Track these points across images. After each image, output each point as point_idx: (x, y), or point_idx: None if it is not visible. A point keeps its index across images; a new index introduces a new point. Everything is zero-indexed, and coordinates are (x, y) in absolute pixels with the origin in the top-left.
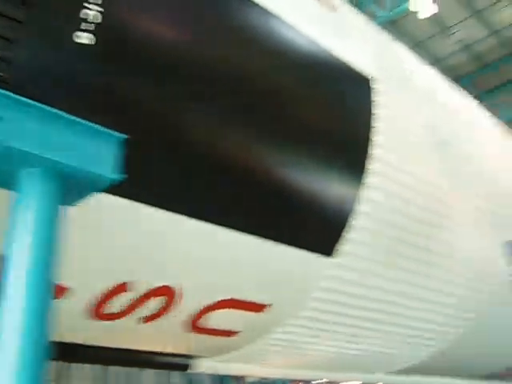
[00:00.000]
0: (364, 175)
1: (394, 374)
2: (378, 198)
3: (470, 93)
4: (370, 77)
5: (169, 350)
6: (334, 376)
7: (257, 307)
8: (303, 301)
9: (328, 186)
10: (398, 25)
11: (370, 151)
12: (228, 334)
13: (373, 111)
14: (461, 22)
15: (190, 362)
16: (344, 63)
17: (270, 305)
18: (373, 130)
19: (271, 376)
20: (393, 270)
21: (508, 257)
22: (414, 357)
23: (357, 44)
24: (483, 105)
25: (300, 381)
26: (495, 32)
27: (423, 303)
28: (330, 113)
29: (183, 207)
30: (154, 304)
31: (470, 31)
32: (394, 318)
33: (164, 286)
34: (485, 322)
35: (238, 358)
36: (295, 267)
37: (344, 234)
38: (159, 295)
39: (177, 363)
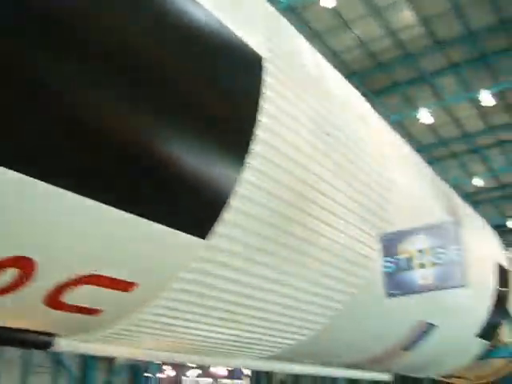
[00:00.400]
0: (247, 156)
1: (264, 360)
2: (259, 182)
3: (360, 90)
4: (262, 56)
5: (27, 326)
6: (205, 360)
7: (122, 285)
8: (172, 282)
9: (207, 164)
10: (297, 13)
11: (255, 132)
12: (91, 311)
13: (262, 91)
14: (360, 18)
15: (51, 340)
16: (237, 38)
17: (136, 284)
18: (260, 110)
19: (140, 358)
20: (266, 256)
21: (381, 249)
22: (282, 343)
23: (252, 22)
24: (370, 103)
25: (172, 364)
26: (392, 32)
27: (294, 291)
28: (216, 88)
29: (42, 172)
30: (7, 276)
31: (367, 29)
32: (264, 304)
33: (17, 257)
34: (353, 313)
35: (102, 338)
36: (166, 247)
37: (220, 215)
38: (12, 266)
39: (36, 341)
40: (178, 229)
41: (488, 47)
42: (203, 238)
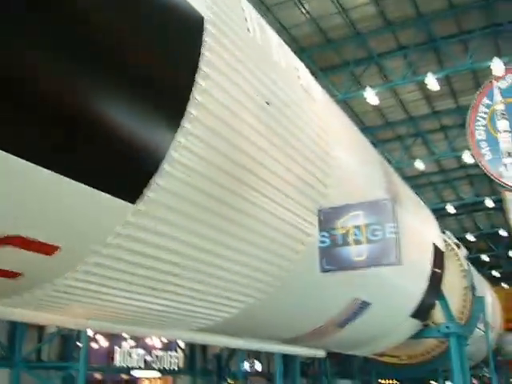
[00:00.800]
0: (182, 120)
1: (198, 333)
2: (194, 147)
3: (308, 67)
4: (203, 16)
5: None
6: (137, 331)
7: (44, 248)
8: (98, 246)
9: (140, 126)
10: None
11: (192, 95)
12: (9, 274)
13: (202, 53)
14: None
15: None
16: None
17: (59, 247)
18: (199, 73)
19: (69, 326)
20: (199, 225)
21: (318, 224)
22: (216, 316)
23: None
24: (318, 80)
25: (106, 334)
26: (343, 10)
27: (228, 263)
28: (153, 47)
29: None
30: None
31: (319, 5)
32: (196, 274)
33: None
34: (288, 288)
35: (24, 304)
36: (93, 210)
37: (151, 180)
38: None
39: None
40: (105, 191)
41: (437, 31)
42: (132, 203)
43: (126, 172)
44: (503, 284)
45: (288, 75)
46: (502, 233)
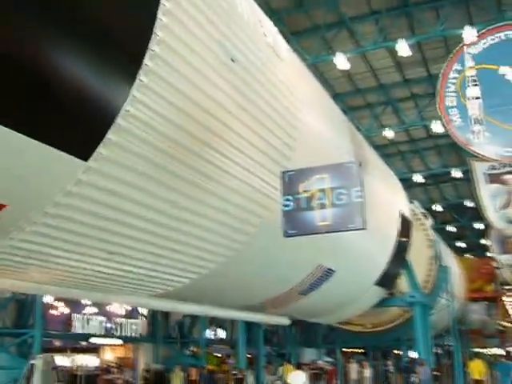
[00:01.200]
0: (139, 74)
1: (158, 299)
2: (152, 102)
3: (280, 30)
4: None
5: None
6: (93, 296)
7: None
8: (47, 206)
9: (93, 78)
10: None
11: (149, 47)
12: None
13: (161, 2)
14: None
15: None
16: None
17: (5, 205)
18: (157, 23)
19: (20, 290)
20: (156, 185)
21: (281, 187)
22: (176, 281)
23: None
24: (289, 45)
25: (65, 300)
26: None
27: (187, 226)
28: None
29: None
30: None
31: None
32: (153, 237)
33: None
34: (250, 254)
35: None
36: (42, 167)
37: (105, 136)
38: None
39: None
40: (55, 147)
41: None
42: (84, 160)
43: (77, 127)
44: (468, 255)
45: (254, 32)
46: (468, 204)
